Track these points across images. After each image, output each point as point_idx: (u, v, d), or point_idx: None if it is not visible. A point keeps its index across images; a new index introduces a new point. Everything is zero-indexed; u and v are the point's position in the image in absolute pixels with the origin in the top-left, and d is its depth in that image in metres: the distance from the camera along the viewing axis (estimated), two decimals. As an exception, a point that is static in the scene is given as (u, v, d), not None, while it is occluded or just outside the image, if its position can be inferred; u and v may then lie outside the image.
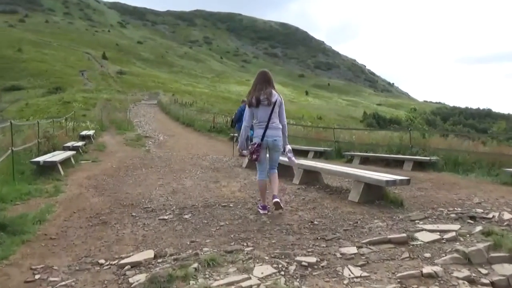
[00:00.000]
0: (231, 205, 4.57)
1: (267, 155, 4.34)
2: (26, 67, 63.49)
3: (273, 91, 4.11)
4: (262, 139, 4.11)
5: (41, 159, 6.02)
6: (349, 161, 9.92)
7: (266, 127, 4.09)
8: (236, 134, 15.09)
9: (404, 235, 3.28)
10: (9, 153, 5.34)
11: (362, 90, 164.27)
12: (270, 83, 4.15)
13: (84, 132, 13.28)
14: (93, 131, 14.54)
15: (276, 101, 4.09)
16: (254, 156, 4.15)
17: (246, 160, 8.44)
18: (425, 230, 3.51)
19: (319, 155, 10.79)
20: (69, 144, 9.49)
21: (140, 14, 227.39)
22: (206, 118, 20.48)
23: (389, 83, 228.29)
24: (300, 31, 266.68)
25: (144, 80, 71.15)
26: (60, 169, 6.36)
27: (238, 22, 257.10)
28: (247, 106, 4.31)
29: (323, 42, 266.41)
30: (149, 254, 2.85)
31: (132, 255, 2.90)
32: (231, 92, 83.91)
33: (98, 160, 9.01)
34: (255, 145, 4.13)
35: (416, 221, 3.86)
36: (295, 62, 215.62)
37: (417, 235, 3.32)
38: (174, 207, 4.51)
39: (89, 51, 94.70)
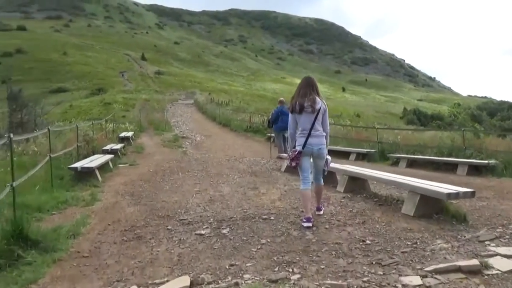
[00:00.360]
0: (272, 217, 4.24)
1: (311, 162, 4.15)
2: (71, 69, 66.57)
3: (317, 98, 3.98)
4: (303, 147, 3.98)
5: (78, 165, 5.99)
6: (395, 163, 9.29)
7: (309, 135, 3.98)
8: (273, 135, 14.73)
9: (476, 262, 2.79)
10: (47, 159, 5.32)
11: (401, 85, 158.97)
12: (315, 89, 4.02)
13: (123, 134, 13.47)
14: (132, 132, 14.74)
15: (320, 108, 3.97)
16: (293, 163, 4.02)
17: (285, 163, 8.10)
18: (500, 255, 3.01)
19: (361, 157, 10.23)
20: (108, 147, 9.56)
21: (176, 15, 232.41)
22: (242, 118, 20.29)
23: (430, 78, 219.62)
24: (336, 27, 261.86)
25: (181, 79, 72.54)
26: (98, 175, 6.32)
27: (273, 19, 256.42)
28: (290, 112, 4.17)
29: (360, 37, 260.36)
30: (184, 281, 2.57)
31: (167, 280, 2.64)
32: (266, 90, 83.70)
33: (135, 163, 8.99)
34: (296, 152, 3.99)
35: (486, 242, 3.35)
36: (331, 58, 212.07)
37: (491, 261, 2.82)
38: (211, 219, 4.24)
39: (129, 53, 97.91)
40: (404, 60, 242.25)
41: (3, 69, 65.81)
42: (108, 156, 7.65)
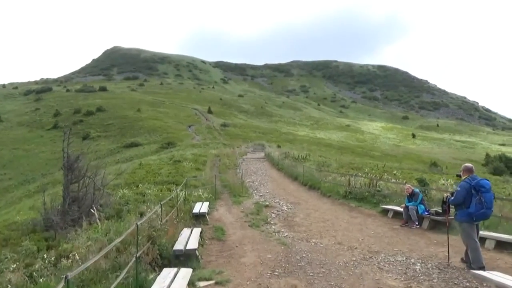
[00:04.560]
0: None
1: None
2: (143, 125, 69.00)
3: None
4: None
5: None
6: None
7: None
8: (394, 207, 10.46)
9: None
10: None
11: (478, 129, 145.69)
12: None
13: (197, 209, 10.53)
14: (207, 203, 11.83)
15: None
16: None
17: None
18: None
19: None
20: (180, 244, 6.50)
21: (240, 69, 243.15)
22: (332, 178, 16.71)
23: (510, 120, 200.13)
24: (400, 72, 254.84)
25: (245, 131, 72.00)
26: None
27: (334, 68, 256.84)
28: None
29: (427, 81, 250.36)
30: None
31: None
32: (332, 139, 79.71)
33: (222, 276, 5.77)
34: None
35: None
36: (397, 103, 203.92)
37: None
38: None
39: (197, 107, 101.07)
40: (478, 103, 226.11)
41: (84, 126, 70.39)
42: (185, 278, 4.54)
